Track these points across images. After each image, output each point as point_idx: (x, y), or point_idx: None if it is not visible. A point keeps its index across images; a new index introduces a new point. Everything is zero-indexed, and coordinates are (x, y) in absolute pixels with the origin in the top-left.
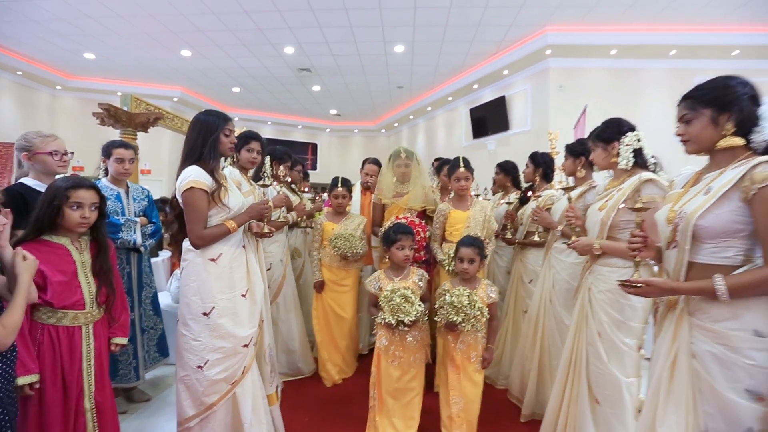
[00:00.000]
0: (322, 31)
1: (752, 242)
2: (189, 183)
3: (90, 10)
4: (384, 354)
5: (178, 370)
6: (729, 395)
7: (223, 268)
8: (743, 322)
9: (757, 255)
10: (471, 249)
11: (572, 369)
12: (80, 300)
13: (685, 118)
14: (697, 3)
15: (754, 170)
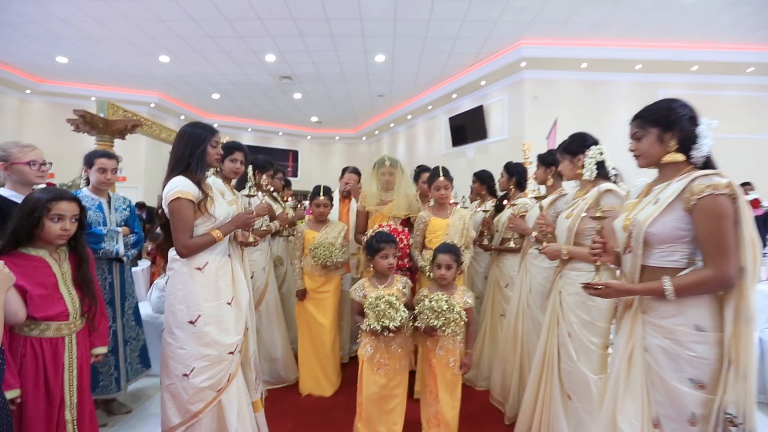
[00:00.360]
0: (304, 40)
1: (694, 247)
2: (176, 193)
3: (64, 14)
4: (368, 362)
5: (163, 378)
6: (675, 384)
7: (209, 276)
8: (686, 318)
9: (699, 258)
10: (448, 255)
11: (545, 368)
12: (64, 311)
13: (636, 135)
14: (658, 21)
15: (693, 183)
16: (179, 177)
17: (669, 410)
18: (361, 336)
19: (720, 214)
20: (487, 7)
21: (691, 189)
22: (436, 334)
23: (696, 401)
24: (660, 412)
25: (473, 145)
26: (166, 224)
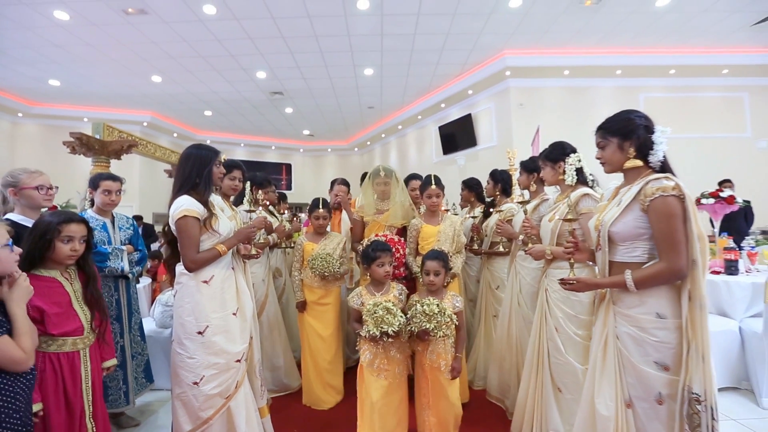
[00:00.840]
0: (294, 57)
1: (653, 243)
2: (182, 212)
3: (58, 39)
4: (368, 368)
5: (173, 388)
6: (642, 367)
7: (216, 289)
8: (648, 307)
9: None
10: (435, 262)
11: (537, 363)
12: (79, 327)
13: (600, 144)
14: (635, 28)
15: (647, 186)
16: (185, 196)
17: (639, 391)
18: (360, 343)
19: (669, 213)
20: (470, 20)
21: (645, 191)
22: (428, 337)
23: (662, 382)
24: (631, 393)
25: (463, 153)
26: (172, 241)
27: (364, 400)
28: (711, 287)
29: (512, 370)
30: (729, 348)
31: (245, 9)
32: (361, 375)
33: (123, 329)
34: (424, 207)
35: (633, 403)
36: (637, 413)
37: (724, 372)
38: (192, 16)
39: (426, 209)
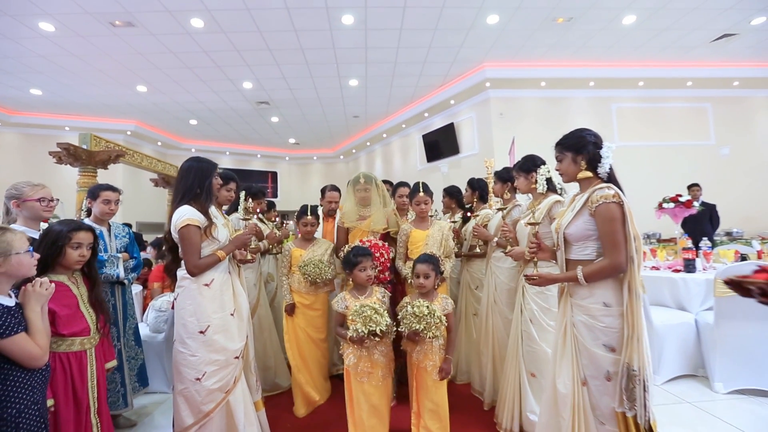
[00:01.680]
0: (280, 68)
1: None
2: (185, 220)
3: (41, 49)
4: (353, 371)
5: (176, 385)
6: (594, 349)
7: (216, 291)
8: (597, 297)
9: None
10: (426, 265)
11: (515, 353)
12: (86, 327)
13: (558, 158)
14: (604, 44)
15: (593, 194)
16: (186, 206)
17: (592, 370)
18: (344, 347)
19: (611, 217)
20: (451, 35)
21: (591, 199)
22: (419, 338)
23: (609, 361)
24: (586, 373)
25: (447, 161)
26: (173, 247)
27: (352, 402)
28: (671, 284)
29: (488, 363)
30: (686, 339)
31: (232, 22)
32: (348, 378)
33: (119, 333)
34: (412, 213)
35: (587, 381)
36: (590, 390)
37: (682, 361)
38: (179, 29)
39: (415, 215)
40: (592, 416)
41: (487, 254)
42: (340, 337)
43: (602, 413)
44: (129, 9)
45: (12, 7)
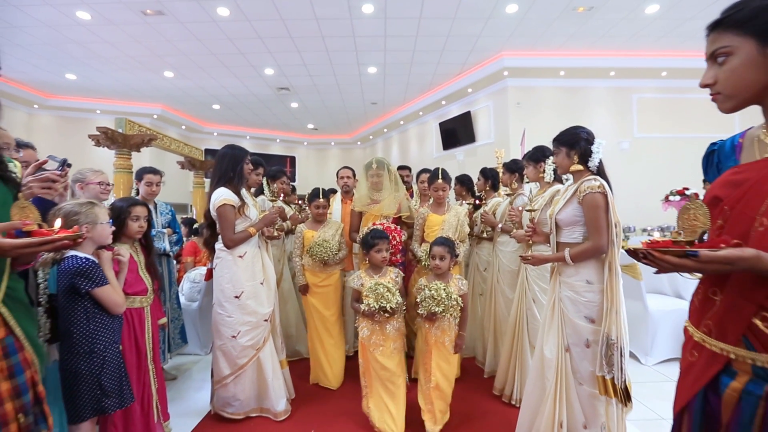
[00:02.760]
0: (301, 55)
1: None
2: (223, 200)
3: (78, 37)
4: (367, 343)
5: (215, 341)
6: (576, 321)
7: (248, 262)
8: (581, 276)
9: None
10: (442, 248)
11: (517, 328)
12: (144, 288)
13: (554, 152)
14: (626, 33)
15: (581, 185)
16: (222, 188)
17: (574, 339)
18: (359, 320)
19: (595, 205)
20: (469, 24)
21: (580, 189)
22: (435, 318)
23: (589, 331)
24: (569, 341)
25: (463, 149)
26: (212, 224)
27: (367, 372)
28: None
29: (489, 336)
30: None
31: (256, 11)
32: (363, 349)
33: (165, 298)
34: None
35: (570, 348)
36: (572, 355)
37: (674, 344)
38: (206, 17)
39: (433, 200)
40: (573, 378)
41: (494, 239)
42: (355, 310)
43: (581, 376)
44: None
45: None
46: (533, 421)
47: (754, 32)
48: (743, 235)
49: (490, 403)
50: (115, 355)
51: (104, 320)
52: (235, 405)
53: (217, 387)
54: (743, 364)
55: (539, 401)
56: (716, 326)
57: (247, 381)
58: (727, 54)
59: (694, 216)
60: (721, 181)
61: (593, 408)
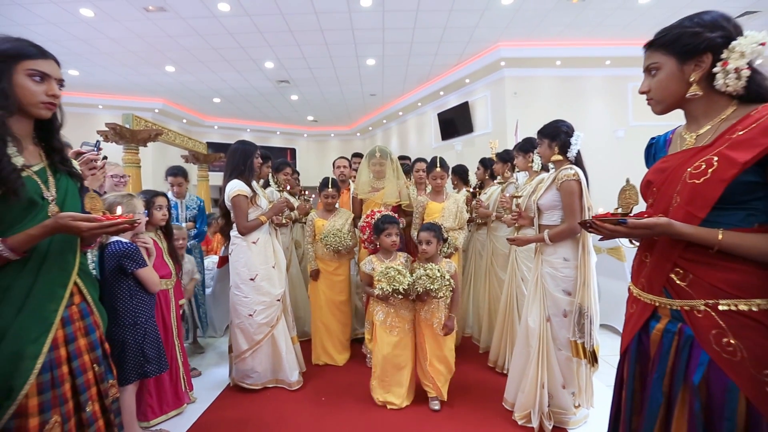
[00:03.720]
0: (300, 49)
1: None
2: (237, 191)
3: (81, 33)
4: (381, 326)
5: (233, 319)
6: (555, 293)
7: (260, 248)
8: (558, 254)
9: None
10: (428, 233)
11: (508, 305)
12: (169, 272)
13: (537, 143)
14: (621, 23)
15: (559, 174)
16: (236, 180)
17: (553, 310)
18: (373, 305)
19: (571, 191)
20: (466, 16)
21: (558, 177)
22: (428, 297)
23: (566, 302)
24: (549, 312)
25: (461, 139)
26: (227, 214)
27: (377, 355)
28: None
29: (484, 314)
30: None
31: (257, 6)
32: (374, 333)
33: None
34: (429, 188)
35: (550, 318)
36: (552, 324)
37: None
38: (207, 12)
39: (431, 188)
40: (553, 344)
41: (487, 225)
42: (368, 294)
43: (560, 342)
44: None
45: None
46: (519, 383)
47: (675, 53)
48: (665, 210)
49: (485, 373)
50: (153, 327)
51: (144, 297)
52: (253, 377)
53: (236, 361)
54: (665, 310)
55: (525, 366)
56: (647, 282)
57: (263, 355)
58: (656, 69)
59: (628, 195)
60: (653, 168)
61: (571, 370)
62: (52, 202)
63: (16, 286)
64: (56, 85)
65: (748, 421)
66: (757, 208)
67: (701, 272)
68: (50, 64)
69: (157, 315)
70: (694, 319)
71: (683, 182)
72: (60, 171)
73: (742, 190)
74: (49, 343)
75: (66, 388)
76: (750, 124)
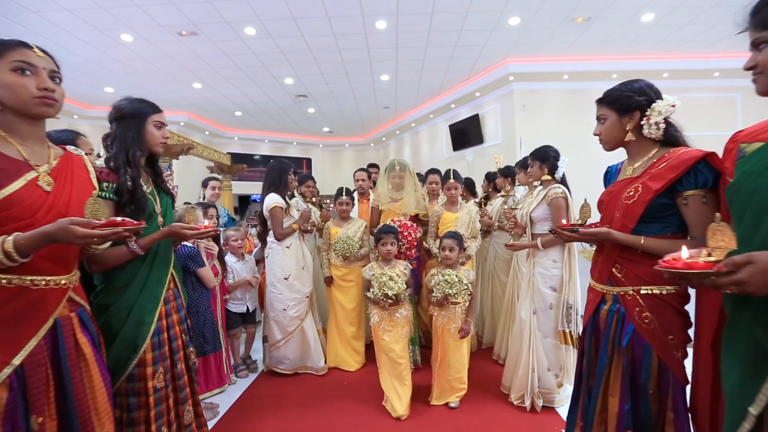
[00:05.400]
0: (319, 66)
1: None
2: (273, 204)
3: (119, 55)
4: (377, 327)
5: (269, 312)
6: (543, 289)
7: (293, 251)
8: (549, 256)
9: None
10: (451, 240)
11: (509, 305)
12: (217, 272)
13: (530, 164)
14: (626, 39)
15: (549, 191)
16: (273, 194)
17: (540, 303)
18: (370, 308)
19: (559, 206)
20: (475, 35)
21: (548, 194)
22: (447, 302)
23: (552, 297)
24: (537, 306)
25: (471, 150)
26: (263, 222)
27: (379, 356)
28: None
29: (487, 314)
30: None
31: (280, 29)
32: (376, 334)
33: None
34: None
35: (537, 311)
36: (539, 317)
37: None
38: (235, 36)
39: (446, 199)
40: (539, 333)
41: (491, 234)
42: (366, 299)
43: (545, 331)
44: (194, 21)
45: (100, 23)
46: (515, 369)
47: (615, 109)
48: (610, 222)
49: (487, 364)
50: (211, 315)
51: (203, 291)
52: (286, 363)
53: (271, 349)
54: (609, 295)
55: (519, 353)
56: (599, 275)
57: (294, 344)
58: (604, 119)
59: (585, 211)
60: (605, 191)
61: (554, 355)
62: (159, 214)
63: (140, 274)
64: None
65: (659, 371)
66: (671, 222)
67: (631, 267)
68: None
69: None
70: (626, 301)
71: (621, 202)
72: (162, 190)
73: (657, 209)
74: (158, 315)
75: (166, 349)
76: (662, 163)
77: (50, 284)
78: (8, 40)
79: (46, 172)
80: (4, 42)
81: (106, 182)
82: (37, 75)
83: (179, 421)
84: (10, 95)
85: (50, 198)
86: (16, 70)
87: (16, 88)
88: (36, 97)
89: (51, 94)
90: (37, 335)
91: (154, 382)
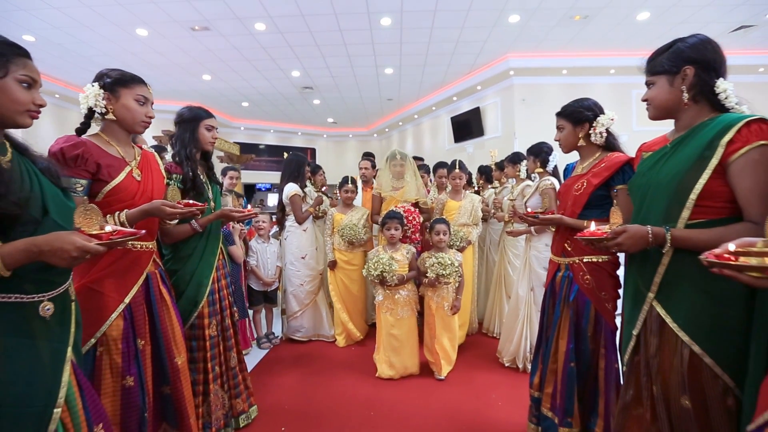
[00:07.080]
0: (325, 60)
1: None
2: (293, 192)
3: (134, 49)
4: (380, 306)
5: (287, 287)
6: (538, 270)
7: (309, 233)
8: (542, 241)
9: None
10: (444, 225)
11: (496, 284)
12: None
13: (526, 158)
14: (622, 37)
15: (541, 183)
16: (292, 183)
17: (536, 282)
18: (376, 287)
19: (549, 196)
20: (476, 32)
21: (540, 185)
22: (439, 282)
23: (543, 276)
24: (533, 284)
25: (472, 142)
26: (282, 209)
27: (380, 331)
28: None
29: (481, 293)
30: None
31: (289, 25)
32: (378, 313)
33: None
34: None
35: (534, 288)
36: (535, 293)
37: None
38: (245, 31)
39: (451, 188)
40: (535, 308)
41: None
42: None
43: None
44: (207, 17)
45: (117, 18)
46: (511, 339)
47: (571, 121)
48: (564, 209)
49: (477, 336)
50: (239, 286)
51: (234, 266)
52: (302, 331)
53: (289, 320)
54: (562, 265)
55: (514, 326)
56: (555, 250)
57: (309, 315)
58: (562, 128)
59: (547, 201)
60: (563, 184)
61: None
62: (211, 200)
63: (198, 247)
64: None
65: (595, 319)
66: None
67: (577, 243)
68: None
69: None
70: (573, 268)
71: (571, 193)
72: (213, 181)
73: (598, 199)
74: (212, 278)
75: (217, 306)
76: (601, 164)
77: (144, 248)
78: (136, 77)
79: (136, 166)
80: (134, 77)
81: (175, 174)
82: (146, 105)
83: (227, 363)
84: (129, 117)
85: (141, 185)
86: (139, 101)
87: (136, 114)
88: (143, 121)
89: (150, 120)
90: (137, 283)
91: (209, 331)
